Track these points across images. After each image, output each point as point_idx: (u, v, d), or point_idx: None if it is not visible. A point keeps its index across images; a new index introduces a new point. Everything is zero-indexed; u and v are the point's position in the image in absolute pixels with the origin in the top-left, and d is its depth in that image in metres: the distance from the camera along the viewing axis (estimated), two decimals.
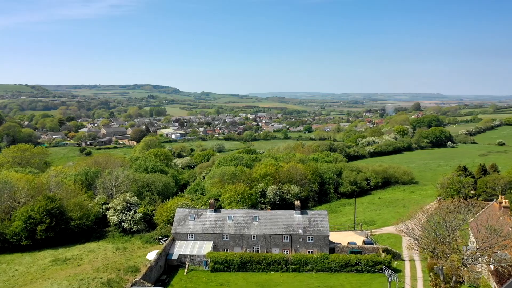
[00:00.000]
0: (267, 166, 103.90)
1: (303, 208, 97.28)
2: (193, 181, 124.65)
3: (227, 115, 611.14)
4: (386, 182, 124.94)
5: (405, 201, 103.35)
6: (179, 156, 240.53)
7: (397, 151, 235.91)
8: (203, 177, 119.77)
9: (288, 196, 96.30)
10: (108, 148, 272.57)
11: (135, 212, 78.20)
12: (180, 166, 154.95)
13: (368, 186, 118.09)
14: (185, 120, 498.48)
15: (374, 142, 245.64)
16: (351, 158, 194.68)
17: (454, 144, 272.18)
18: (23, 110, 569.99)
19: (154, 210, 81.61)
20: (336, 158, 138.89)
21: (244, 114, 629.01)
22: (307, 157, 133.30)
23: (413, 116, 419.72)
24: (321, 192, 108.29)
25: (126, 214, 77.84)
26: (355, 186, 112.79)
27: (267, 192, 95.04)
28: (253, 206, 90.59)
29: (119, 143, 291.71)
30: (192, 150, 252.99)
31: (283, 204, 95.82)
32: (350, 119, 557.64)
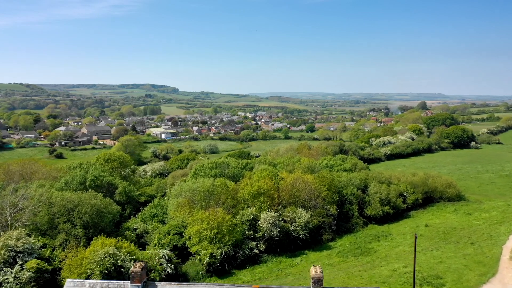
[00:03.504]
0: (262, 178, 69.70)
1: (315, 245, 63.20)
2: (163, 197, 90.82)
3: (225, 114, 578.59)
4: (428, 199, 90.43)
5: (466, 231, 69.01)
6: (165, 158, 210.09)
7: (416, 152, 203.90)
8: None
9: (292, 228, 61.74)
10: (86, 149, 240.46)
11: (22, 267, 44.34)
12: (150, 173, 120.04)
13: (405, 205, 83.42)
14: (180, 119, 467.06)
15: (389, 142, 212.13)
16: (365, 161, 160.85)
17: (478, 145, 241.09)
18: (13, 109, 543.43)
19: (64, 260, 47.60)
20: (356, 164, 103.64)
21: (243, 113, 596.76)
22: (317, 163, 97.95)
23: (423, 115, 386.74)
24: (339, 216, 74.02)
25: (7, 271, 44.01)
26: (388, 206, 78.53)
27: (259, 222, 60.64)
28: (237, 246, 56.64)
29: (99, 143, 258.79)
30: (180, 151, 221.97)
31: (286, 240, 61.37)
32: (354, 118, 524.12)
